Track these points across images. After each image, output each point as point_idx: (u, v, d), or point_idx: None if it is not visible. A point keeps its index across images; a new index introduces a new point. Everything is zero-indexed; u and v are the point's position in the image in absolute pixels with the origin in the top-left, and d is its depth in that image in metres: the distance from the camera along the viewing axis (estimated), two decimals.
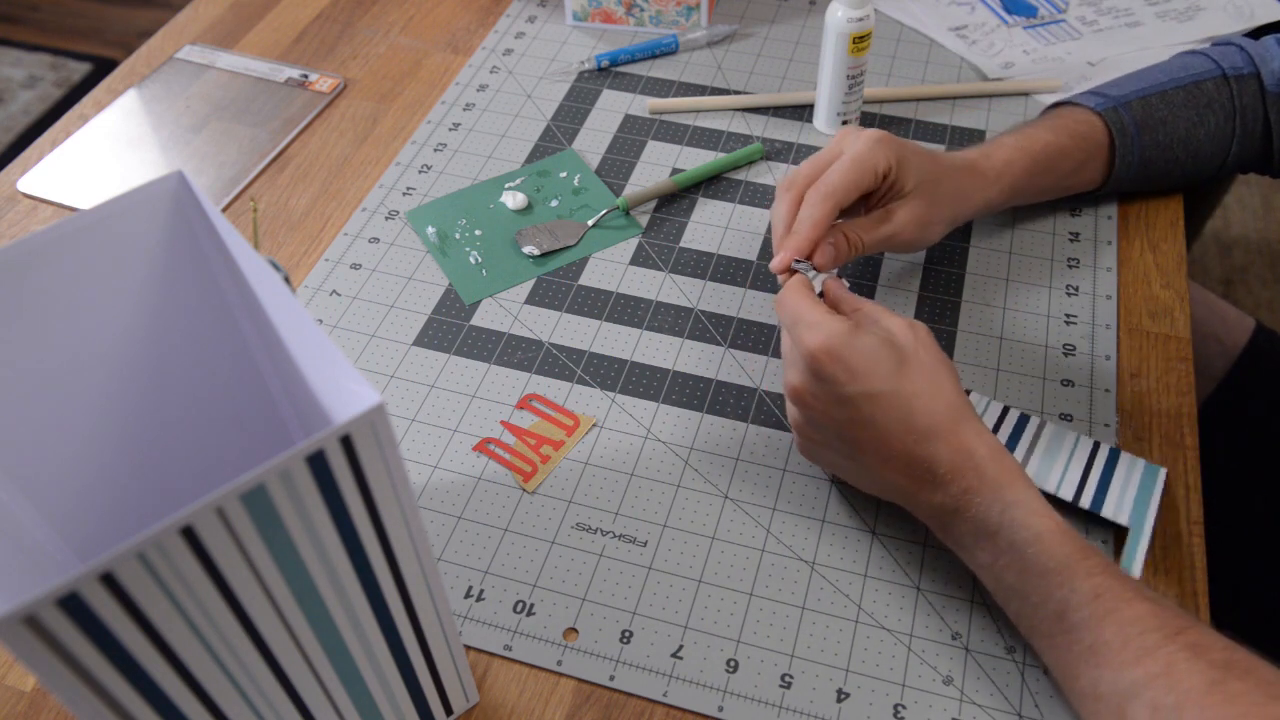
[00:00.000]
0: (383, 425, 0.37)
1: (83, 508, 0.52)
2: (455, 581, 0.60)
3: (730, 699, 0.55)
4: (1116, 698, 0.47)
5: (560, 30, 0.99)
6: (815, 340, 0.55)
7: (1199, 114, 0.74)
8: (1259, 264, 1.82)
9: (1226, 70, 0.74)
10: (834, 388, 0.55)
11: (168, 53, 0.97)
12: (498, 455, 0.65)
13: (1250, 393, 0.86)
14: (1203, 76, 0.74)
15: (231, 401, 0.55)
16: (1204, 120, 0.74)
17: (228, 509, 0.35)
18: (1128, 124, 0.73)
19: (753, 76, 0.93)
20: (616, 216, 0.80)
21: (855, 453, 0.56)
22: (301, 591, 0.40)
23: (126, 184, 0.83)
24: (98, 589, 0.33)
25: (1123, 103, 0.74)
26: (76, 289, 0.46)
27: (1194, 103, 0.74)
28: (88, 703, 0.36)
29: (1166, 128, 0.74)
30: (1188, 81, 0.74)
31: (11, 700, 0.56)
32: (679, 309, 0.74)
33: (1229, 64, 0.74)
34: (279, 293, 0.44)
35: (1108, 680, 0.47)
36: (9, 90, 2.24)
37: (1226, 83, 0.74)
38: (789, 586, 0.59)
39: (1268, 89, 0.73)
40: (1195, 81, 0.74)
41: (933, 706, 0.54)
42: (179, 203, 0.47)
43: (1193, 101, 0.74)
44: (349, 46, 0.98)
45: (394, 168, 0.85)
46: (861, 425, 0.55)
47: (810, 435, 0.59)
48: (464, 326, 0.73)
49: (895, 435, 0.54)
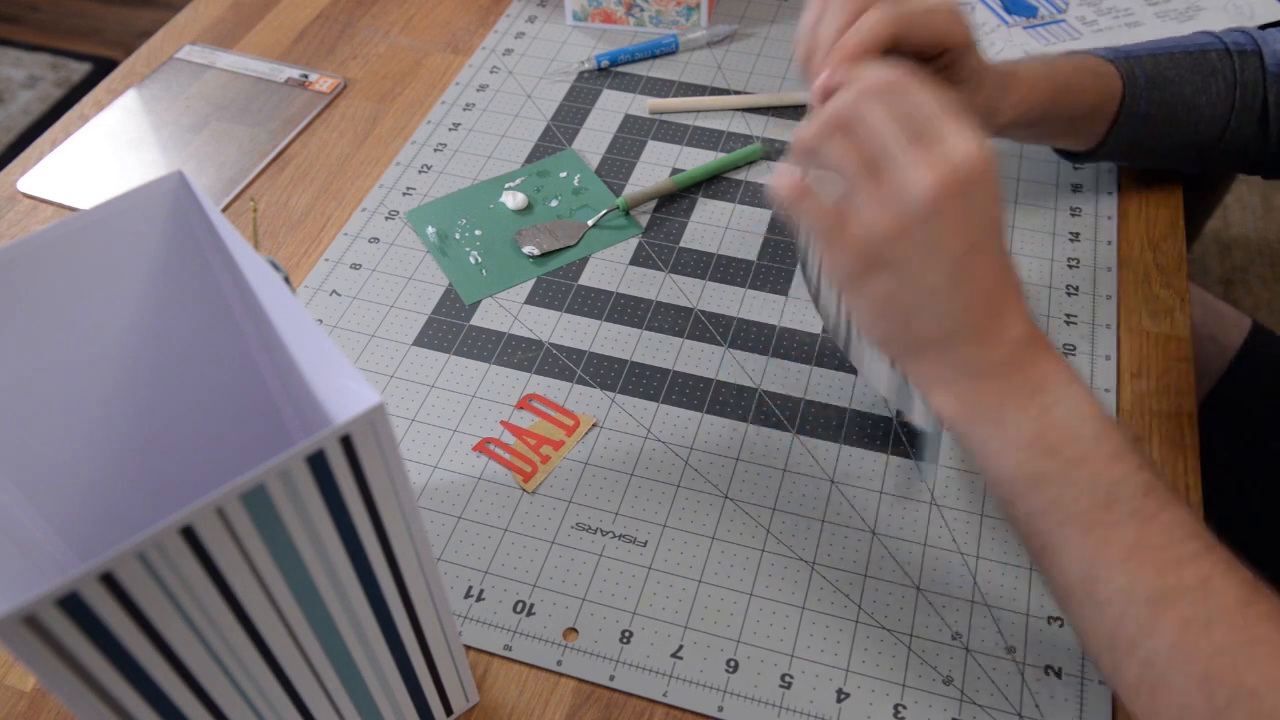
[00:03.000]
0: (383, 425, 0.37)
1: (83, 508, 0.52)
2: (455, 581, 0.60)
3: (730, 699, 0.55)
4: (1148, 604, 0.43)
5: (560, 30, 0.99)
6: (972, 146, 0.44)
7: (1203, 80, 0.74)
8: (1259, 264, 1.82)
9: (1229, 45, 0.74)
10: (985, 206, 0.45)
11: (168, 53, 0.97)
12: (498, 455, 0.65)
13: (1247, 392, 0.86)
14: (1208, 47, 0.74)
15: (231, 401, 0.55)
16: (1207, 87, 0.74)
17: (228, 509, 0.35)
18: (1139, 75, 0.72)
19: (753, 76, 0.93)
20: (616, 216, 0.81)
21: (953, 275, 0.46)
22: (301, 591, 0.40)
23: (126, 184, 0.83)
24: (98, 589, 0.33)
25: (1135, 56, 0.73)
26: (76, 289, 0.46)
27: (1199, 69, 0.74)
28: (88, 703, 0.36)
29: (1173, 87, 0.73)
30: (1194, 49, 0.74)
31: (11, 700, 0.56)
32: (679, 309, 0.74)
33: (1232, 40, 0.75)
34: (279, 293, 0.44)
35: (1144, 582, 0.44)
36: (9, 90, 2.24)
37: (1229, 56, 0.74)
38: (789, 586, 0.59)
39: (1268, 68, 0.73)
40: (1201, 50, 0.74)
41: (933, 706, 0.54)
42: (179, 203, 0.47)
43: (1198, 68, 0.74)
44: (349, 46, 0.98)
45: (394, 168, 0.85)
46: (980, 250, 0.46)
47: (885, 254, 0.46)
48: (464, 326, 0.73)
49: (1000, 252, 0.47)
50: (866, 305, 0.48)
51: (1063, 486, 0.46)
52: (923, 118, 0.45)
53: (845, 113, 0.46)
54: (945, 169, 0.44)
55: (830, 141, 0.46)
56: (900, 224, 0.45)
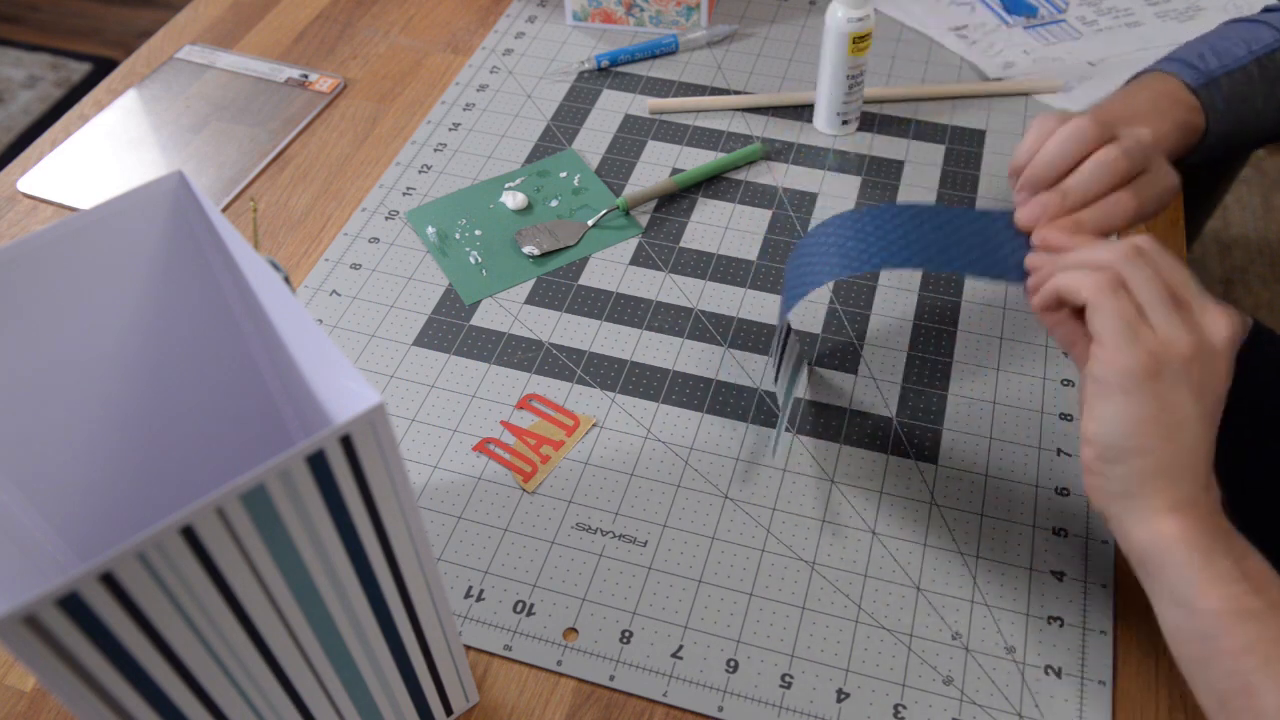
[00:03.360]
0: (383, 425, 0.37)
1: (83, 508, 0.52)
2: (455, 581, 0.60)
3: (730, 699, 0.55)
4: None
5: (560, 30, 0.99)
6: (1235, 322, 0.51)
7: (1270, 88, 0.71)
8: (1259, 264, 1.82)
9: None
10: (1218, 368, 0.51)
11: (168, 53, 0.97)
12: (498, 455, 0.65)
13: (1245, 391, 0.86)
14: (1274, 47, 0.71)
15: (231, 401, 0.55)
16: (1274, 92, 0.71)
17: (228, 509, 0.35)
18: (1218, 103, 0.69)
19: (753, 76, 0.93)
20: (616, 216, 0.80)
21: (1209, 414, 0.51)
22: (301, 591, 0.40)
23: (126, 184, 0.83)
24: (98, 589, 0.33)
25: (1214, 79, 0.70)
26: (76, 289, 0.46)
27: (1267, 76, 0.71)
28: (88, 703, 0.36)
29: (1246, 104, 0.71)
30: (1262, 53, 0.71)
31: (11, 700, 0.56)
32: (679, 309, 0.74)
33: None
34: (279, 293, 0.44)
35: None
36: (9, 90, 2.24)
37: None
38: (789, 586, 0.59)
39: None
40: (1269, 53, 0.71)
41: (933, 706, 0.54)
42: (179, 203, 0.47)
43: (1265, 75, 0.71)
44: (349, 46, 0.98)
45: (394, 168, 0.85)
46: (1219, 408, 0.52)
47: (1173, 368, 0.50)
48: (464, 326, 0.73)
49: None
50: (1134, 410, 0.50)
51: (1268, 625, 0.47)
52: (1182, 285, 0.51)
53: (1119, 270, 0.51)
54: (1235, 325, 0.51)
55: (1105, 293, 0.50)
56: (1196, 348, 0.49)
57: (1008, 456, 0.65)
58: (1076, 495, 0.62)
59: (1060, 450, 0.65)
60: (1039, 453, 0.65)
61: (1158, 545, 0.49)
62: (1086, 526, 0.61)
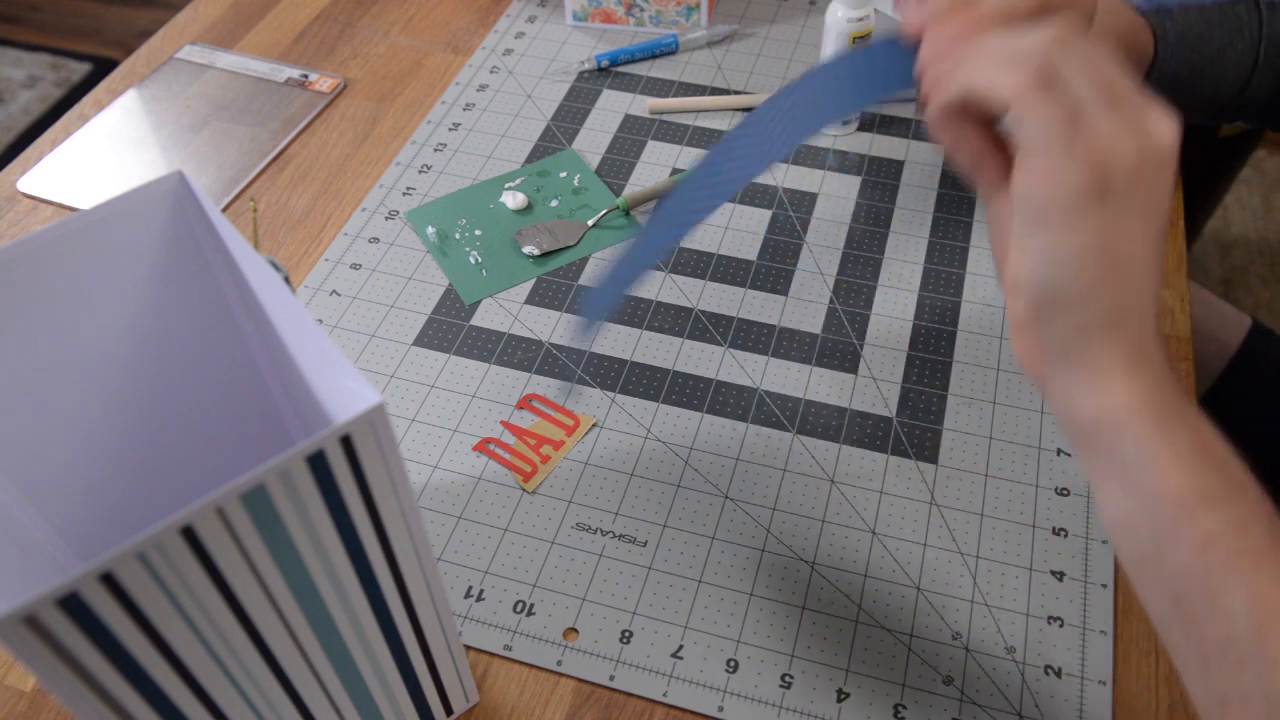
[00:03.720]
0: (383, 425, 0.37)
1: (83, 508, 0.52)
2: (455, 581, 0.60)
3: (730, 699, 0.55)
4: None
5: (560, 30, 0.99)
6: (1176, 127, 0.39)
7: (1230, 36, 0.71)
8: (1259, 264, 1.82)
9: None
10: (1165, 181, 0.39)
11: (168, 53, 0.97)
12: (498, 455, 0.65)
13: (1246, 391, 0.86)
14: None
15: (231, 401, 0.55)
16: (1233, 43, 0.71)
17: (228, 509, 0.35)
18: (1170, 34, 0.69)
19: (753, 76, 0.93)
20: (616, 216, 0.80)
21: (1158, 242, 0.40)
22: (301, 591, 0.40)
23: (126, 184, 0.83)
24: (98, 589, 0.33)
25: (1167, 10, 0.69)
26: (76, 289, 0.46)
27: (1227, 24, 0.71)
28: (88, 703, 0.36)
29: (1201, 44, 0.70)
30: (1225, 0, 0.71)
31: (11, 700, 0.56)
32: (679, 309, 0.74)
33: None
34: (279, 293, 0.44)
35: None
36: (9, 90, 2.24)
37: (1258, 9, 0.71)
38: (789, 586, 0.59)
39: None
40: (1231, 1, 0.71)
41: (933, 706, 0.54)
42: (179, 203, 0.47)
43: (1226, 22, 0.71)
44: (349, 46, 0.98)
45: (394, 168, 0.85)
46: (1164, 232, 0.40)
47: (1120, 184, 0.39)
48: (464, 326, 0.73)
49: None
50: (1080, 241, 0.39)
51: (1231, 506, 0.39)
52: (1117, 79, 0.39)
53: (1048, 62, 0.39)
54: (1178, 125, 0.39)
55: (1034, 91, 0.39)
56: (1143, 156, 0.38)
57: (1008, 456, 0.65)
58: (1077, 495, 0.62)
59: (1060, 450, 0.65)
60: (1039, 453, 0.65)
61: (1110, 417, 0.40)
62: (1086, 526, 0.61)
